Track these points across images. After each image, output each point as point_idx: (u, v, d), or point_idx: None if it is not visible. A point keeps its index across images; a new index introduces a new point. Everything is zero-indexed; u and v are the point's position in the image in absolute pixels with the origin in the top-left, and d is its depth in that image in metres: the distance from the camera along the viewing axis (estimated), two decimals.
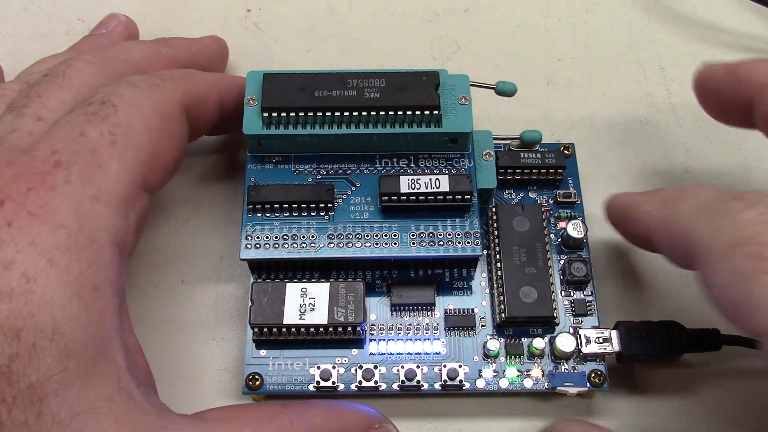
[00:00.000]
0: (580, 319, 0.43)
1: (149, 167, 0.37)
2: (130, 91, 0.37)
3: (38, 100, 0.37)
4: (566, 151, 0.47)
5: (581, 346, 0.41)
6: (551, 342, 0.42)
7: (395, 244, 0.41)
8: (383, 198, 0.41)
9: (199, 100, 0.41)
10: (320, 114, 0.41)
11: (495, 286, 0.43)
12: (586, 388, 0.41)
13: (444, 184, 0.41)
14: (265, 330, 0.40)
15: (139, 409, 0.32)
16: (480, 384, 0.41)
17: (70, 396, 0.30)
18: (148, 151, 0.37)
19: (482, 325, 0.43)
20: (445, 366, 0.41)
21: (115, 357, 0.33)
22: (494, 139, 0.45)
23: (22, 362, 0.29)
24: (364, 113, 0.42)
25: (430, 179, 0.41)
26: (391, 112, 0.42)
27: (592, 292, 0.44)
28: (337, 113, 0.41)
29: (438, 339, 0.42)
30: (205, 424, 0.34)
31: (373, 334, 0.42)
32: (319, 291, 0.41)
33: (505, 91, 0.45)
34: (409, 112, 0.42)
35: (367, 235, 0.41)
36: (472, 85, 0.43)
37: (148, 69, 0.43)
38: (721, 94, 0.42)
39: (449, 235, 0.41)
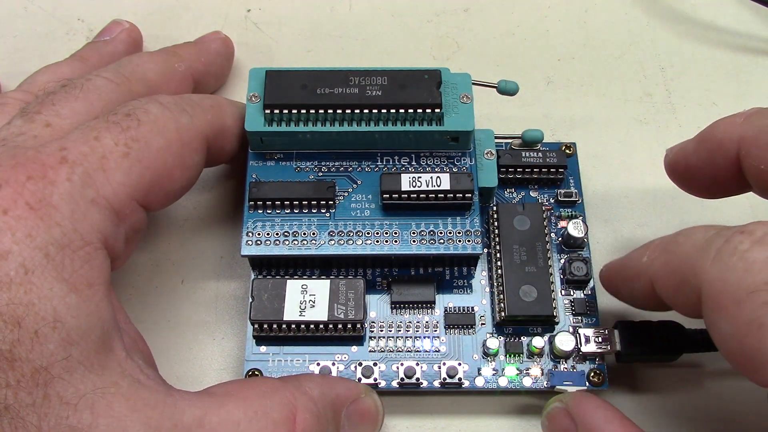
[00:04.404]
0: (579, 318, 0.43)
1: (153, 188, 0.37)
2: (158, 110, 0.38)
3: (51, 107, 0.37)
4: (567, 151, 0.47)
5: (581, 345, 0.41)
6: (551, 341, 0.42)
7: (396, 241, 0.41)
8: (384, 196, 0.41)
9: (223, 131, 0.42)
10: (322, 111, 0.42)
11: (495, 284, 0.43)
12: (586, 388, 0.41)
13: (445, 182, 0.41)
14: (265, 326, 0.40)
15: (147, 389, 0.32)
16: (479, 382, 0.41)
17: (75, 379, 0.30)
18: (157, 172, 0.37)
19: (482, 324, 0.43)
20: (444, 364, 0.41)
21: (116, 348, 0.33)
22: (496, 137, 0.45)
23: (25, 348, 0.29)
24: (366, 111, 0.42)
25: (432, 177, 0.41)
26: (392, 110, 0.42)
27: (592, 291, 0.44)
28: (339, 111, 0.42)
29: (438, 337, 0.42)
30: (213, 398, 0.34)
31: (372, 332, 0.42)
32: (320, 288, 0.41)
33: (507, 90, 0.45)
34: (410, 110, 0.42)
35: (368, 233, 0.41)
36: (473, 83, 0.44)
37: (163, 86, 0.44)
38: (702, 169, 0.39)
39: (450, 233, 0.41)
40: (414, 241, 0.41)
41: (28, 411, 0.29)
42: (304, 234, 0.41)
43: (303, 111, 0.42)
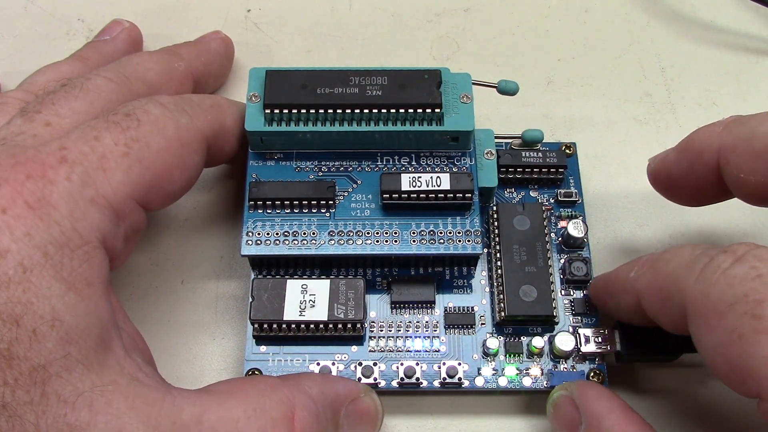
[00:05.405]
0: (579, 318, 0.43)
1: (153, 188, 0.37)
2: (158, 111, 0.38)
3: (51, 107, 0.37)
4: (567, 150, 0.47)
5: (580, 345, 0.41)
6: (550, 341, 0.42)
7: (396, 241, 0.41)
8: (384, 195, 0.41)
9: (223, 132, 0.42)
10: (322, 111, 0.42)
11: (495, 284, 0.43)
12: None
13: (445, 182, 0.41)
14: (265, 326, 0.40)
15: (146, 387, 0.33)
16: (479, 382, 0.41)
17: (73, 378, 0.30)
18: (156, 172, 0.37)
19: (482, 324, 0.43)
20: (444, 364, 0.41)
21: (115, 346, 0.33)
22: (496, 137, 0.45)
23: (23, 346, 0.30)
24: (366, 111, 0.42)
25: (432, 177, 0.41)
26: (392, 110, 0.42)
27: None
28: (339, 111, 0.42)
29: (438, 337, 0.42)
30: (213, 396, 0.34)
31: (372, 331, 0.42)
32: (320, 288, 0.41)
33: (507, 89, 0.45)
34: (410, 110, 0.42)
35: (368, 233, 0.41)
36: (473, 83, 0.44)
37: (163, 86, 0.44)
38: (684, 178, 0.40)
39: (450, 233, 0.41)
40: (414, 241, 0.41)
41: (25, 409, 0.29)
42: (304, 234, 0.41)
43: (303, 111, 0.42)
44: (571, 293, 0.44)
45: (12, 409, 0.29)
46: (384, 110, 0.42)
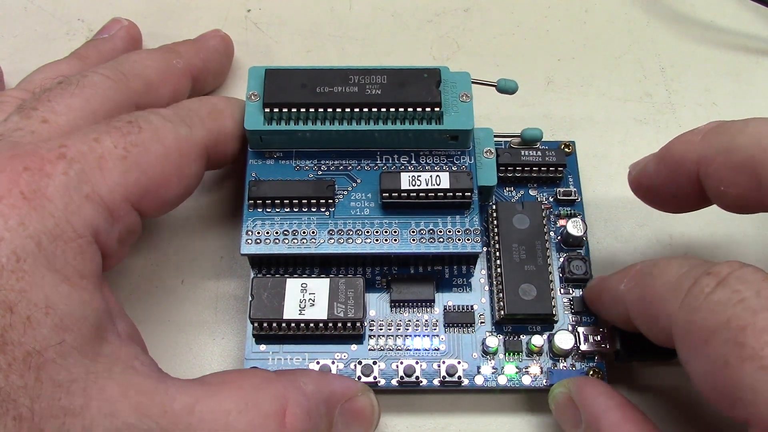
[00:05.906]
0: (578, 316, 0.43)
1: (149, 193, 0.37)
2: (159, 121, 0.38)
3: (47, 104, 0.37)
4: (567, 149, 0.47)
5: (580, 344, 0.41)
6: (550, 339, 0.42)
7: (395, 240, 0.41)
8: (384, 194, 0.41)
9: (224, 137, 0.42)
10: (321, 110, 0.42)
11: (494, 283, 0.43)
12: None
13: (444, 181, 0.41)
14: (265, 325, 0.40)
15: (140, 375, 0.33)
16: (478, 380, 0.41)
17: (68, 364, 0.31)
18: (153, 178, 0.37)
19: (481, 322, 0.43)
20: (444, 362, 0.41)
21: (110, 337, 0.33)
22: (495, 136, 0.45)
23: (17, 332, 0.30)
24: (366, 110, 0.42)
25: (431, 176, 0.41)
26: (392, 109, 0.42)
27: None
28: (339, 109, 0.42)
29: (437, 335, 0.42)
30: (206, 387, 0.34)
31: (372, 330, 0.42)
32: (319, 286, 0.41)
33: (506, 88, 0.45)
34: (410, 109, 0.42)
35: (368, 232, 0.41)
36: (473, 82, 0.44)
37: (161, 83, 0.44)
38: (664, 187, 0.40)
39: (449, 232, 0.41)
40: (413, 240, 0.41)
41: (19, 393, 0.30)
42: (304, 233, 0.41)
43: (302, 110, 0.42)
44: (571, 292, 0.44)
45: (5, 394, 0.29)
46: (383, 109, 0.42)
